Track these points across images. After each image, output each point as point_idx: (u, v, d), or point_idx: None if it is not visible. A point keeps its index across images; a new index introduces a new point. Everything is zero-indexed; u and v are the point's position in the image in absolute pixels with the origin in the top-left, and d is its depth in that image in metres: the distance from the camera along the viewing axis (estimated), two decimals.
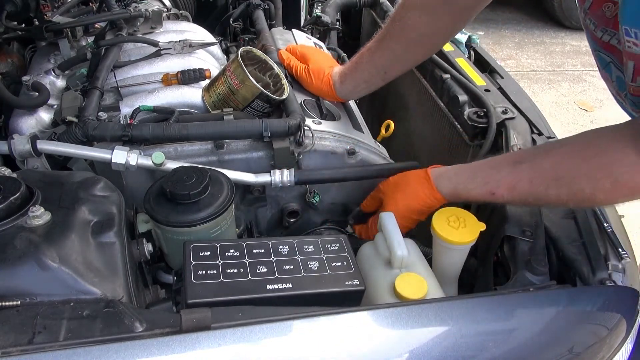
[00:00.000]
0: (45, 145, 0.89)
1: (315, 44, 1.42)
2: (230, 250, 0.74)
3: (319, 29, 1.66)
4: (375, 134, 1.22)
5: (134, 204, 0.90)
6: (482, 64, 1.43)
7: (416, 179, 0.93)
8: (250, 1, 1.54)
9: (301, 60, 1.17)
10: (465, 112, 1.17)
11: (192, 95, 1.09)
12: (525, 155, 0.84)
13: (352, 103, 1.25)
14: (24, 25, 1.29)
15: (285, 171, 0.96)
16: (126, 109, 1.03)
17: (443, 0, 0.96)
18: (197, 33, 1.31)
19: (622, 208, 0.94)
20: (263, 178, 0.96)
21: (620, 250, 0.82)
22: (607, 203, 0.78)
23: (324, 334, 0.62)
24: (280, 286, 0.70)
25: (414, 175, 0.94)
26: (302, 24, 1.73)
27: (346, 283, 0.73)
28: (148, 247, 0.80)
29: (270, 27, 1.47)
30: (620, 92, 0.80)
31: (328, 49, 1.49)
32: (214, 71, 1.12)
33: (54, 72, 1.12)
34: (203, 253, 0.72)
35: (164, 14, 1.34)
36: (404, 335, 0.65)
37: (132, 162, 0.89)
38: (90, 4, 1.43)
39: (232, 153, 0.98)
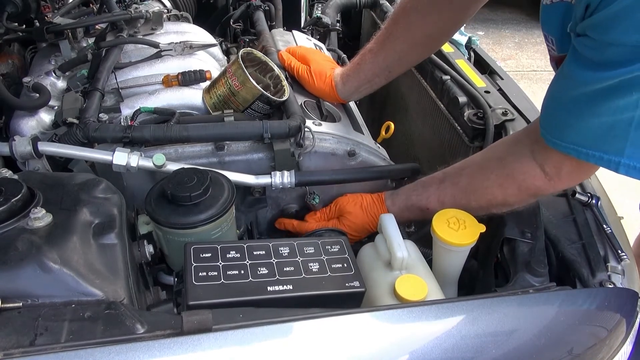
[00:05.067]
0: (46, 147, 0.90)
1: (315, 45, 1.42)
2: (231, 252, 0.74)
3: (319, 30, 1.66)
4: (375, 135, 1.23)
5: (134, 206, 0.90)
6: (482, 66, 1.43)
7: (372, 200, 1.03)
8: (250, 2, 1.54)
9: (301, 62, 1.17)
10: (465, 114, 1.17)
11: (192, 96, 1.09)
12: (446, 175, 0.95)
13: (352, 104, 1.25)
14: (24, 26, 1.29)
15: (286, 173, 0.96)
16: (127, 110, 1.04)
17: (447, 2, 0.96)
18: (198, 34, 1.31)
19: (621, 209, 0.94)
20: (263, 180, 0.96)
21: (619, 251, 0.82)
22: (519, 204, 0.87)
23: (324, 335, 0.63)
24: (280, 288, 0.70)
25: (369, 196, 1.04)
26: (302, 25, 1.74)
27: (347, 285, 0.73)
28: (149, 249, 0.80)
29: (271, 28, 1.47)
30: None
31: (328, 50, 1.49)
32: (215, 72, 1.13)
33: (55, 74, 1.12)
34: (204, 255, 0.73)
35: (165, 15, 1.34)
36: (404, 337, 0.65)
37: (133, 163, 0.89)
38: (91, 5, 1.43)
39: (233, 154, 0.99)
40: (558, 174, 0.79)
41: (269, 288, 0.70)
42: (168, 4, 1.47)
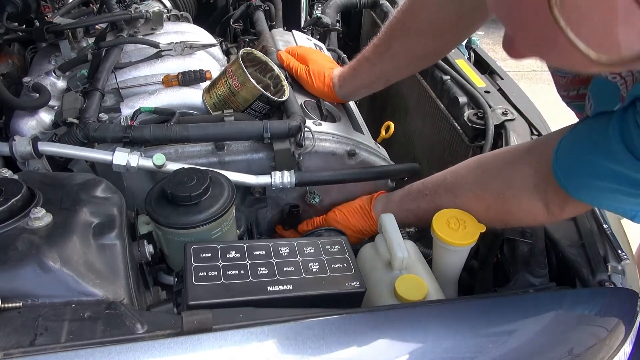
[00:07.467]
0: (46, 147, 0.90)
1: (315, 45, 1.42)
2: (231, 252, 0.74)
3: (319, 30, 1.66)
4: (375, 135, 1.22)
5: (134, 206, 0.90)
6: (482, 66, 1.43)
7: (360, 213, 1.03)
8: (250, 2, 1.55)
9: (301, 62, 1.17)
10: (465, 114, 1.17)
11: (192, 96, 1.09)
12: (440, 198, 0.91)
13: (352, 104, 1.25)
14: (24, 26, 1.29)
15: (286, 173, 0.96)
16: (127, 110, 1.04)
17: (447, 25, 0.92)
18: (198, 34, 1.31)
19: None
20: (263, 180, 0.96)
21: (619, 251, 0.82)
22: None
23: (324, 335, 0.63)
24: (280, 288, 0.70)
25: (358, 208, 1.04)
26: (302, 25, 1.74)
27: (347, 285, 0.73)
28: (149, 249, 0.80)
29: (271, 28, 1.47)
30: None
31: (328, 49, 1.49)
32: (215, 72, 1.13)
33: (55, 74, 1.12)
34: (204, 255, 0.73)
35: (165, 15, 1.34)
36: (403, 337, 0.65)
37: (133, 163, 0.89)
38: (91, 5, 1.43)
39: (233, 154, 0.99)
40: (561, 212, 0.77)
41: (269, 288, 0.70)
42: (168, 4, 1.47)
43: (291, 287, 0.70)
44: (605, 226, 0.86)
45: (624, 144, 0.60)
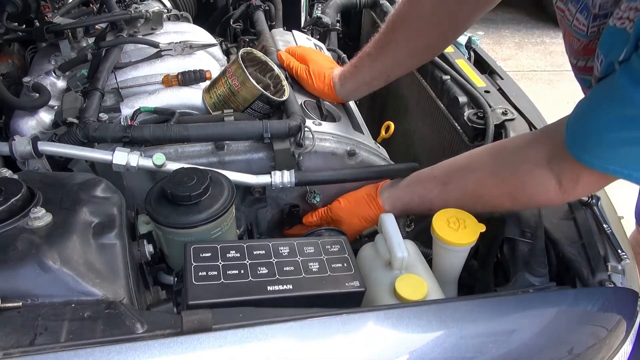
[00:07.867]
0: (46, 147, 0.90)
1: (315, 45, 1.42)
2: (230, 252, 0.74)
3: (319, 30, 1.66)
4: (375, 135, 1.23)
5: (134, 205, 0.90)
6: (482, 65, 1.43)
7: (368, 205, 1.01)
8: (250, 2, 1.55)
9: (300, 61, 1.17)
10: (465, 114, 1.17)
11: (192, 96, 1.09)
12: (450, 177, 0.92)
13: (352, 104, 1.25)
14: (24, 26, 1.29)
15: (286, 172, 0.96)
16: (127, 110, 1.04)
17: (448, 13, 0.95)
18: (198, 34, 1.31)
19: (621, 209, 0.94)
20: (263, 179, 0.96)
21: (619, 251, 0.82)
22: (522, 210, 0.87)
23: (324, 335, 0.63)
24: (280, 287, 0.70)
25: (364, 195, 1.03)
26: (302, 25, 1.74)
27: (347, 284, 0.73)
28: (149, 248, 0.80)
29: (271, 28, 1.48)
30: None
31: (328, 49, 1.49)
32: (215, 72, 1.13)
33: (55, 73, 1.12)
34: (204, 254, 0.73)
35: (165, 15, 1.34)
36: (404, 337, 0.65)
37: (133, 163, 0.89)
38: (91, 5, 1.43)
39: (233, 154, 0.99)
40: (574, 187, 0.76)
41: (269, 288, 0.69)
42: (168, 4, 1.47)
43: (291, 287, 0.70)
44: (605, 226, 0.86)
45: (632, 83, 0.60)
